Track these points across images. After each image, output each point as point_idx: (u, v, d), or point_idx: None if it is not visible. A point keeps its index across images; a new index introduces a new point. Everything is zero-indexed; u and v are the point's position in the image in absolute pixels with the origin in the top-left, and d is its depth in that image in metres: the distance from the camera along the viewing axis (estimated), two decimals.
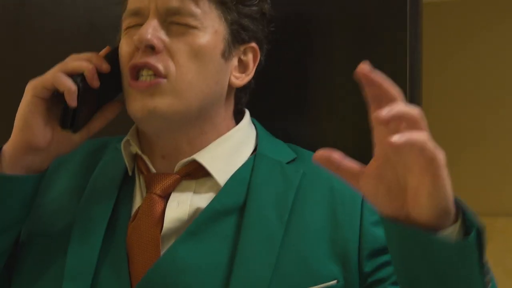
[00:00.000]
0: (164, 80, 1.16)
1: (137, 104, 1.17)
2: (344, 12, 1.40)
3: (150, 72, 1.16)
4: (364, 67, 0.88)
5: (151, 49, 1.15)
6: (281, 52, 1.40)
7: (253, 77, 1.27)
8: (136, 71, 1.17)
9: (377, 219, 1.15)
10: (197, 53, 1.17)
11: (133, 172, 1.26)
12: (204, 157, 1.21)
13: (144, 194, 1.22)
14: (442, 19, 4.13)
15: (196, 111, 1.19)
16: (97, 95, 1.19)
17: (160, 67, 1.16)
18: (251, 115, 1.32)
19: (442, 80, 4.14)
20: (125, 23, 1.21)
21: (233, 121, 1.28)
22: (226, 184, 1.20)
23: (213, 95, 1.21)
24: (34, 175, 1.19)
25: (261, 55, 1.27)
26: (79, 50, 1.24)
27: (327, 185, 1.20)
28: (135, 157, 1.26)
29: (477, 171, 4.19)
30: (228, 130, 1.26)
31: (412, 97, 1.34)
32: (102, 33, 1.49)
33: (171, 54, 1.16)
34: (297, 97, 1.44)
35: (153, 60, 1.16)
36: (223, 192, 1.20)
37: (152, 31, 1.15)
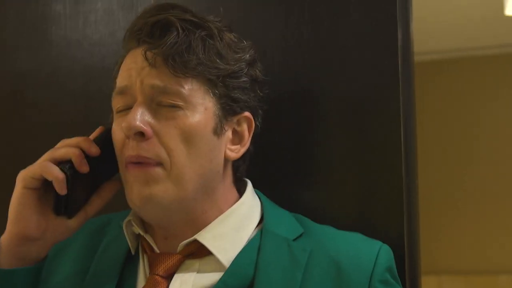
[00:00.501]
0: (157, 168, 1.15)
1: (134, 193, 1.16)
2: (338, 79, 1.41)
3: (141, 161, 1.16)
4: None
5: (141, 135, 1.15)
6: (280, 119, 1.41)
7: (252, 143, 1.26)
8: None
9: None
10: (187, 135, 1.15)
11: (136, 250, 1.25)
12: (206, 237, 1.19)
13: (148, 274, 1.21)
14: (435, 78, 4.17)
15: (192, 194, 1.17)
16: (91, 178, 1.19)
17: (152, 157, 1.15)
18: (252, 181, 1.30)
19: (437, 137, 4.16)
20: (114, 102, 1.21)
21: (234, 191, 1.26)
22: (233, 264, 1.18)
23: (209, 174, 1.19)
24: (32, 266, 1.18)
25: (256, 121, 1.25)
26: (76, 121, 1.26)
27: (334, 264, 1.19)
28: (139, 236, 1.25)
29: (478, 229, 4.19)
30: (230, 202, 1.24)
31: (408, 157, 1.35)
32: (99, 104, 1.50)
33: (160, 139, 1.15)
34: (298, 164, 1.43)
35: (143, 151, 1.14)
36: (229, 273, 1.17)
37: (140, 117, 1.14)
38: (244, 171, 1.28)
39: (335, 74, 1.41)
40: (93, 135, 1.23)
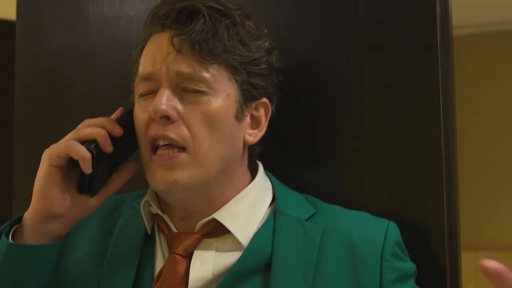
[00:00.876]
0: (182, 154, 1.18)
1: (158, 177, 1.18)
2: (375, 56, 1.40)
3: (166, 142, 1.18)
4: (489, 264, 0.95)
5: (167, 119, 1.17)
6: (293, 100, 1.42)
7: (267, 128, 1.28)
8: (155, 143, 1.19)
9: (395, 277, 1.20)
10: (211, 120, 1.18)
11: (152, 230, 1.27)
12: (224, 216, 1.22)
13: (166, 253, 1.24)
14: (473, 51, 4.12)
15: (215, 177, 1.20)
16: (112, 158, 1.20)
17: (177, 138, 1.17)
18: (263, 163, 1.32)
19: (476, 111, 4.11)
20: (138, 88, 1.23)
21: (249, 174, 1.29)
22: (250, 244, 1.21)
23: (230, 157, 1.22)
24: (57, 242, 1.20)
25: (272, 106, 1.28)
26: (113, 99, 1.26)
27: (346, 241, 1.22)
28: (154, 216, 1.28)
29: None
30: (245, 183, 1.27)
31: (447, 134, 1.34)
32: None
33: (186, 123, 1.18)
34: (307, 145, 1.44)
35: (169, 132, 1.17)
36: (247, 253, 1.21)
37: (166, 101, 1.17)
38: (257, 154, 1.31)
39: (374, 49, 1.40)
40: (114, 116, 1.25)
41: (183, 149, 1.18)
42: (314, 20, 1.44)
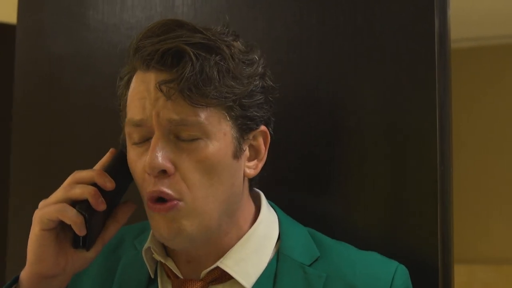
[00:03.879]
0: (180, 203, 1.13)
1: (162, 226, 1.15)
2: (372, 71, 1.41)
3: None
4: None
5: (163, 172, 1.13)
6: (309, 128, 1.41)
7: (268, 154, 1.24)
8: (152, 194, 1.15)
9: None
10: (209, 167, 1.14)
11: (155, 273, 1.25)
12: (228, 264, 1.19)
13: None
14: (470, 64, 4.13)
15: (218, 221, 1.17)
16: (106, 208, 1.16)
17: (173, 193, 1.13)
18: (271, 192, 1.30)
19: (472, 125, 4.12)
20: (129, 133, 1.18)
21: (251, 203, 1.26)
22: None
23: (231, 197, 1.18)
24: None
25: (270, 130, 1.23)
26: (113, 106, 1.26)
27: None
28: (158, 260, 1.25)
29: (510, 218, 4.15)
30: (248, 217, 1.24)
31: (442, 148, 1.34)
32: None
33: (182, 175, 1.13)
34: (323, 174, 1.43)
35: (165, 187, 1.13)
36: None
37: (161, 154, 1.12)
38: (257, 180, 1.27)
39: (372, 61, 1.41)
40: (105, 160, 1.21)
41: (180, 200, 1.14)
42: (313, 33, 1.45)
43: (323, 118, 1.43)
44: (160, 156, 1.12)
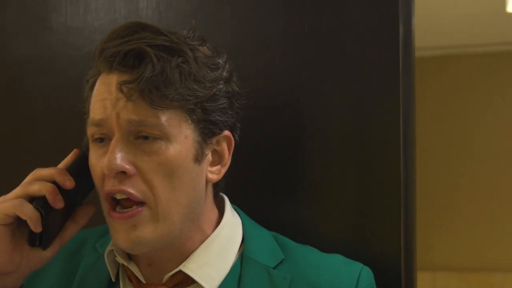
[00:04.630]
0: (142, 209, 1.12)
1: (120, 236, 1.14)
2: (337, 77, 1.41)
3: (124, 196, 1.13)
4: None
5: (123, 173, 1.12)
6: (273, 133, 1.41)
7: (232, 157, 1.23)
8: (111, 196, 1.14)
9: None
10: (169, 170, 1.12)
11: (116, 277, 1.24)
12: (191, 267, 1.18)
13: None
14: (435, 74, 4.17)
15: (179, 225, 1.16)
16: (65, 206, 1.15)
17: (135, 193, 1.12)
18: (239, 198, 1.30)
19: (436, 134, 4.16)
20: (90, 130, 1.16)
21: (215, 209, 1.25)
22: None
23: (193, 201, 1.17)
24: None
25: (235, 136, 1.23)
26: (75, 108, 1.25)
27: None
28: (119, 263, 1.24)
29: (473, 227, 4.19)
30: (212, 222, 1.23)
31: (406, 156, 1.35)
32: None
33: (143, 176, 1.12)
34: (287, 179, 1.42)
35: (126, 187, 1.12)
36: None
37: (120, 155, 1.11)
38: (223, 186, 1.26)
39: (335, 69, 1.41)
40: (67, 160, 1.20)
41: (142, 203, 1.13)
42: (278, 38, 1.44)
43: (288, 123, 1.43)
44: (119, 158, 1.11)
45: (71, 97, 1.59)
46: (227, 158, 1.21)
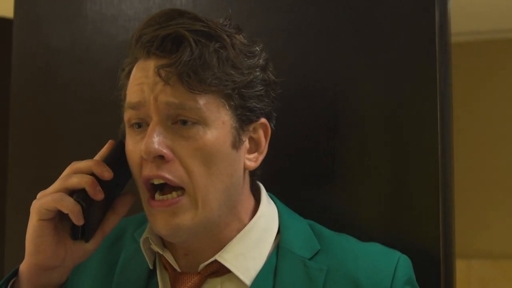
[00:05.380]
0: (182, 198, 1.13)
1: (160, 223, 1.14)
2: (373, 63, 1.40)
3: (161, 181, 1.13)
4: None
5: (161, 158, 1.12)
6: (308, 120, 1.41)
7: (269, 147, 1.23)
8: (149, 182, 1.14)
9: None
10: (207, 155, 1.12)
11: (154, 264, 1.24)
12: (227, 258, 1.18)
13: None
14: (470, 59, 4.13)
15: (217, 212, 1.15)
16: (106, 198, 1.15)
17: (173, 178, 1.12)
18: (281, 187, 1.30)
19: (473, 120, 4.12)
20: (127, 115, 1.17)
21: (252, 198, 1.25)
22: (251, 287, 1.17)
23: (231, 188, 1.16)
24: None
25: (271, 124, 1.23)
26: (110, 98, 1.25)
27: (352, 281, 1.18)
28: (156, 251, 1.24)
29: (509, 214, 4.15)
30: (249, 210, 1.22)
31: (443, 141, 1.33)
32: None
33: (181, 161, 1.12)
34: (323, 167, 1.41)
35: (164, 172, 1.12)
36: None
37: (158, 139, 1.11)
38: (259, 174, 1.26)
39: (371, 53, 1.40)
40: (103, 151, 1.20)
41: (181, 191, 1.13)
42: (311, 25, 1.43)
43: (322, 111, 1.42)
44: (157, 142, 1.11)
45: (106, 86, 1.60)
46: (264, 146, 1.21)
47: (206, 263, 1.18)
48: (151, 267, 1.23)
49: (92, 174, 1.15)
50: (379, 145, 1.38)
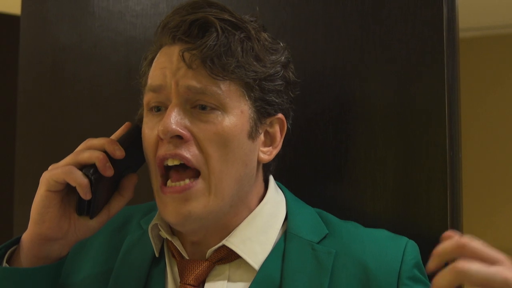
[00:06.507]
0: (197, 182, 1.13)
1: (170, 210, 1.14)
2: (381, 58, 1.39)
3: (176, 162, 1.13)
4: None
5: (179, 138, 1.12)
6: (317, 114, 1.41)
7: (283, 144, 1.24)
8: (164, 163, 1.15)
9: None
10: (224, 140, 1.13)
11: (160, 253, 1.24)
12: (235, 242, 1.18)
13: (177, 279, 1.20)
14: (478, 54, 4.12)
15: (229, 201, 1.16)
16: (114, 177, 1.16)
17: (191, 158, 1.12)
18: (289, 179, 1.30)
19: (480, 115, 4.11)
20: (147, 97, 1.18)
21: (263, 188, 1.25)
22: (260, 272, 1.17)
23: (244, 178, 1.17)
24: (51, 264, 1.17)
25: (288, 122, 1.24)
26: (118, 94, 1.25)
27: (360, 265, 1.18)
28: (163, 238, 1.24)
29: None
30: (257, 200, 1.23)
31: (451, 135, 1.33)
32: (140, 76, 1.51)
33: (198, 143, 1.13)
34: (334, 161, 1.41)
35: (182, 151, 1.12)
36: (256, 283, 1.17)
37: (176, 120, 1.12)
38: (272, 169, 1.27)
39: (379, 48, 1.39)
40: (119, 132, 1.21)
41: (195, 175, 1.13)
42: (319, 18, 1.43)
43: (331, 104, 1.42)
44: (175, 122, 1.12)
45: (113, 81, 1.61)
46: (279, 141, 1.22)
47: (214, 248, 1.18)
48: (157, 255, 1.23)
49: (105, 153, 1.15)
50: (387, 139, 1.38)
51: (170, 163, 1.14)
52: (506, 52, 4.18)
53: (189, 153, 1.13)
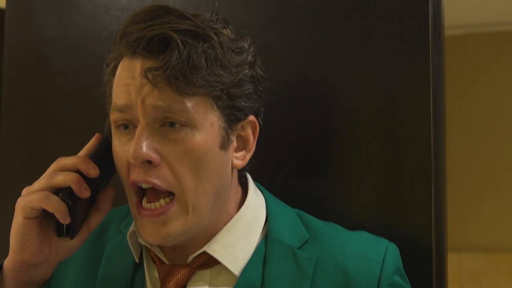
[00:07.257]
0: (171, 205, 1.12)
1: (149, 232, 1.13)
2: (365, 56, 1.39)
3: (149, 185, 1.12)
4: None
5: (148, 163, 1.10)
6: (301, 111, 1.40)
7: (261, 141, 1.22)
8: (138, 185, 1.13)
9: None
10: (196, 158, 1.11)
11: (140, 257, 1.23)
12: (215, 248, 1.17)
13: (157, 286, 1.19)
14: (463, 52, 4.13)
15: (208, 214, 1.15)
16: (91, 195, 1.14)
17: (161, 183, 1.11)
18: (270, 177, 1.30)
19: (465, 113, 4.13)
20: (113, 116, 1.15)
21: (239, 190, 1.24)
22: (240, 278, 1.16)
23: (220, 189, 1.16)
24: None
25: (259, 120, 1.21)
26: (102, 87, 1.25)
27: (341, 271, 1.17)
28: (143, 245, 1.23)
29: (500, 207, 4.16)
30: (236, 204, 1.22)
31: (436, 132, 1.33)
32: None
33: (169, 165, 1.11)
34: (316, 157, 1.41)
35: (152, 178, 1.11)
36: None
37: (146, 144, 1.10)
38: (247, 169, 1.25)
39: (364, 44, 1.39)
40: (90, 146, 1.19)
41: (169, 197, 1.12)
42: (305, 14, 1.43)
43: (315, 102, 1.42)
44: (145, 146, 1.10)
45: (98, 75, 1.60)
46: (252, 144, 1.20)
47: (195, 254, 1.18)
48: (137, 261, 1.22)
49: (78, 171, 1.13)
50: (370, 135, 1.38)
51: (144, 186, 1.12)
52: (491, 50, 4.19)
53: (159, 179, 1.11)
